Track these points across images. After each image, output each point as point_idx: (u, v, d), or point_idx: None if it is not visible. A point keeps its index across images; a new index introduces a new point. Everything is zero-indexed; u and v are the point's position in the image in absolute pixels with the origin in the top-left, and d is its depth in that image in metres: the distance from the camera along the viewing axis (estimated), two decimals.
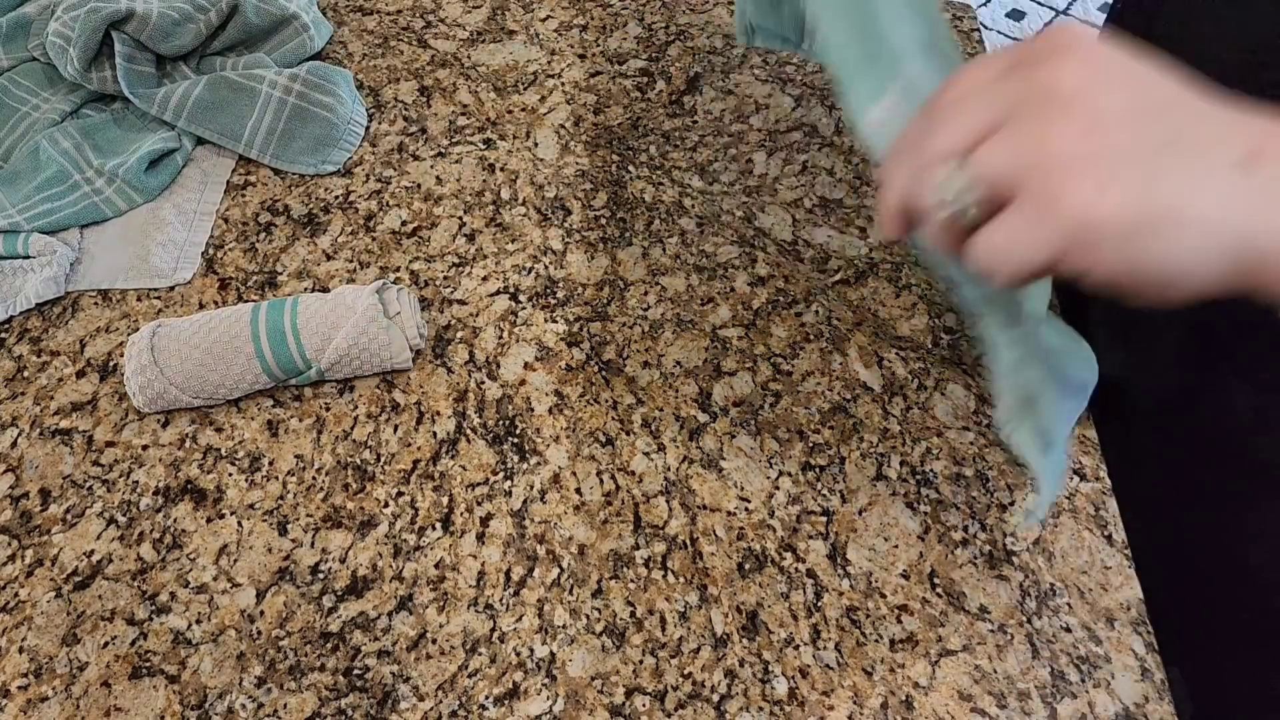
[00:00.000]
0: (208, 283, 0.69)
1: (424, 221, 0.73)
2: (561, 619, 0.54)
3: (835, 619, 0.54)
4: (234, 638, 0.54)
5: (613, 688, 0.52)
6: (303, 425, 0.62)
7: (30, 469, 0.60)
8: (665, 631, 0.54)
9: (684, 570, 0.56)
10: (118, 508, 0.58)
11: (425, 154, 0.78)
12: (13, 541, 0.57)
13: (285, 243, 0.72)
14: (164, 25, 0.75)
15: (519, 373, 0.65)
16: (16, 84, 0.78)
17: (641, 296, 0.69)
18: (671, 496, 0.59)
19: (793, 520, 0.58)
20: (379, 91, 0.82)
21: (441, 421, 0.62)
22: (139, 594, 0.55)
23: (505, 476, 0.60)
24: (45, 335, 0.66)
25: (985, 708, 0.51)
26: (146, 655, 0.53)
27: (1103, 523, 0.58)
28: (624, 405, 0.63)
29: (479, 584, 0.56)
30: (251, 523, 0.58)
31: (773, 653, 0.53)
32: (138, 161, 0.72)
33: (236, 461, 0.60)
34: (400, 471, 0.60)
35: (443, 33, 0.87)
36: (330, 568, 0.56)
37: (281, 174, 0.76)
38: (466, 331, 0.67)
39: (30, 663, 0.53)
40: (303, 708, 0.51)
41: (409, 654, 0.53)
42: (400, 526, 0.58)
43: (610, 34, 0.87)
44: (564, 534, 0.57)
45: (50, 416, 0.62)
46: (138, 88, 0.75)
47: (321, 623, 0.54)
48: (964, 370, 0.65)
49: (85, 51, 0.73)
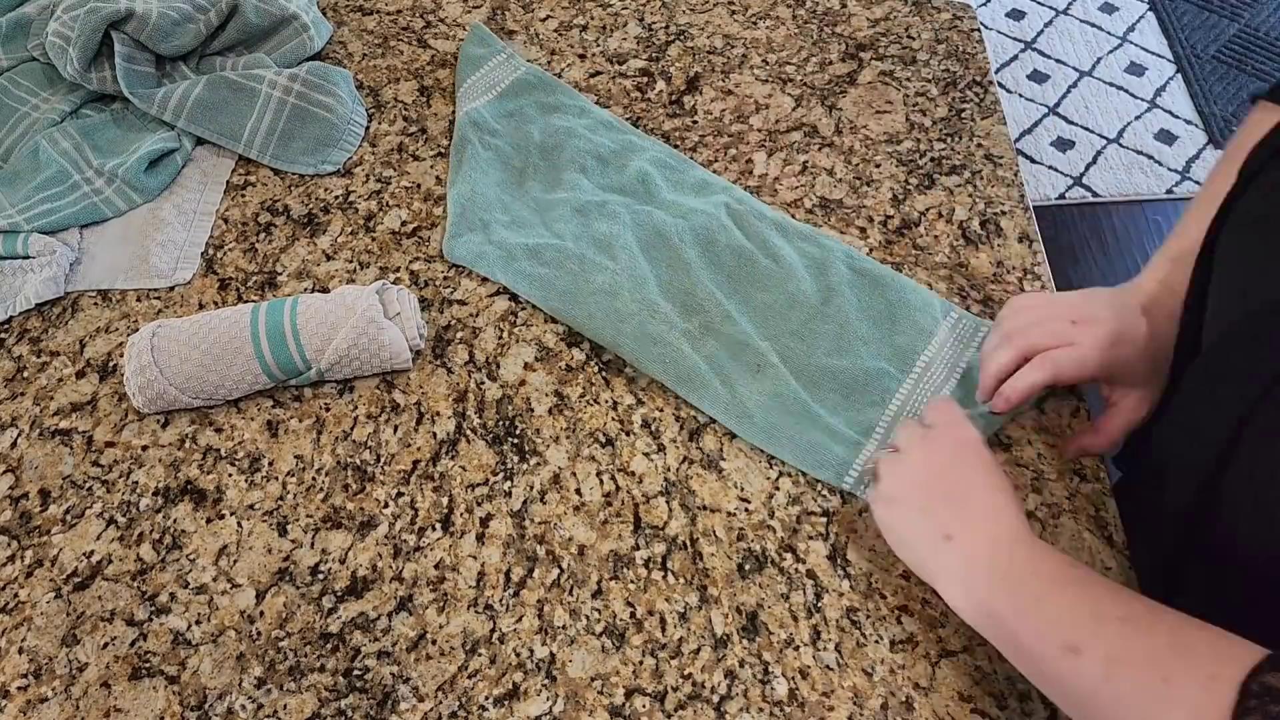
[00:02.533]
0: (208, 283, 0.69)
1: (424, 221, 0.73)
2: (561, 620, 0.54)
3: (835, 620, 0.54)
4: (234, 638, 0.53)
5: (613, 688, 0.52)
6: (302, 426, 0.62)
7: (30, 469, 0.60)
8: (665, 632, 0.54)
9: (684, 571, 0.56)
10: (117, 508, 0.58)
11: (425, 154, 0.78)
12: (13, 542, 0.57)
13: (285, 243, 0.72)
14: (164, 25, 0.75)
15: (519, 373, 0.65)
16: (16, 84, 0.78)
17: None
18: (671, 497, 0.59)
19: (793, 521, 0.58)
20: (379, 91, 0.82)
21: (441, 422, 0.62)
22: (139, 594, 0.55)
23: (505, 477, 0.60)
24: (45, 335, 0.66)
25: (985, 708, 0.51)
26: (146, 656, 0.53)
27: (1102, 523, 0.58)
28: (624, 405, 0.63)
29: (479, 584, 0.55)
30: (251, 523, 0.58)
31: (773, 653, 0.53)
32: (137, 161, 0.72)
33: (236, 462, 0.60)
34: (400, 472, 0.60)
35: (443, 33, 0.87)
36: (330, 568, 0.56)
37: (281, 174, 0.76)
38: (466, 332, 0.67)
39: (30, 663, 0.53)
40: (302, 708, 0.51)
41: (409, 654, 0.53)
42: (400, 527, 0.58)
43: (610, 34, 0.87)
44: (564, 534, 0.57)
45: (50, 417, 0.62)
46: (137, 88, 0.75)
47: (321, 623, 0.54)
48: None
49: (85, 51, 0.73)
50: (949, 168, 0.77)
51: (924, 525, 0.50)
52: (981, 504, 0.50)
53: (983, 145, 0.78)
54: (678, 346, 0.63)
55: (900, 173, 0.76)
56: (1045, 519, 0.58)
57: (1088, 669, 0.42)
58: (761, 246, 0.69)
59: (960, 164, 0.77)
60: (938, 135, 0.79)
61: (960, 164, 0.77)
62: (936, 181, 0.76)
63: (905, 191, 0.75)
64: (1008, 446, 0.61)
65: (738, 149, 0.78)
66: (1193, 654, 0.40)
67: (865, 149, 0.78)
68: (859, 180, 0.76)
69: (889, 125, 0.80)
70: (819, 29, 0.88)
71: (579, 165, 0.74)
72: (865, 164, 0.77)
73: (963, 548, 0.49)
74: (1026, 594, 0.46)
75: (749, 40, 0.87)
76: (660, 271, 0.68)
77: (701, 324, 0.65)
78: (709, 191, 0.73)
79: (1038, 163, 1.92)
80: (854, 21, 0.89)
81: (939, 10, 0.89)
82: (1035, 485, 0.60)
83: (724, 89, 0.83)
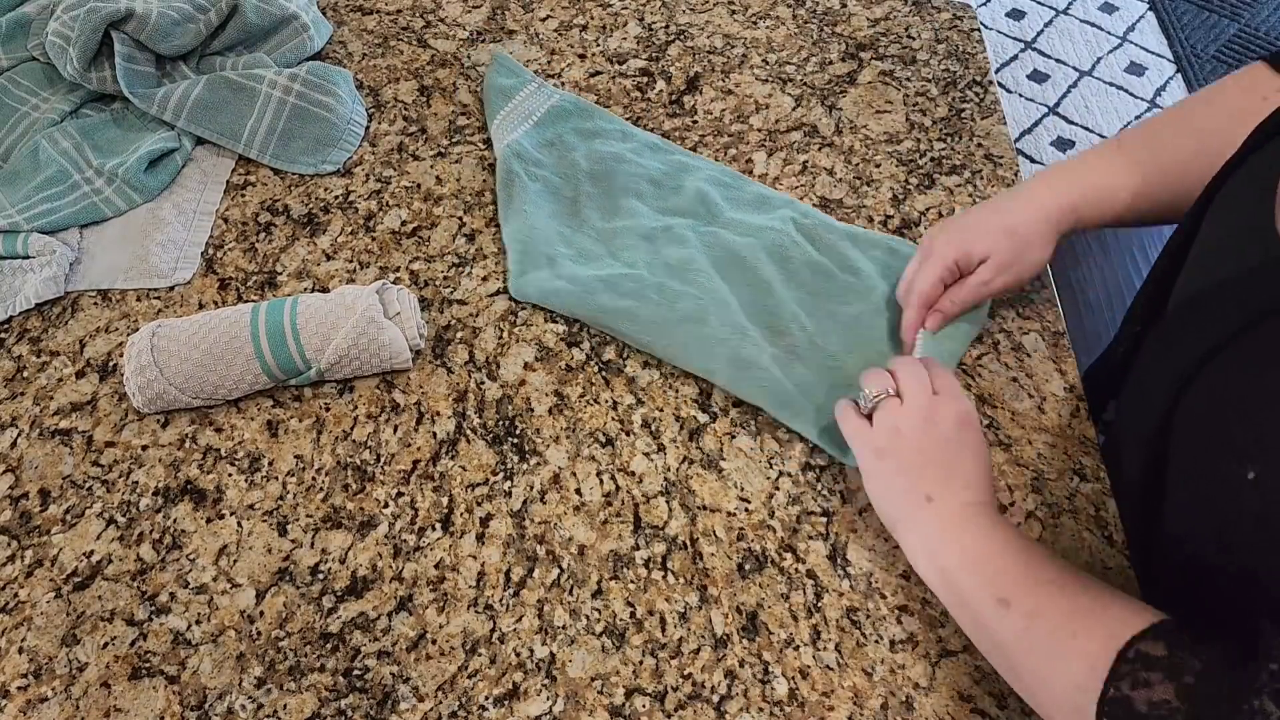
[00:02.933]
0: (207, 283, 0.69)
1: (424, 221, 0.73)
2: (561, 619, 0.54)
3: (835, 619, 0.54)
4: (234, 638, 0.53)
5: (613, 688, 0.52)
6: (303, 425, 0.62)
7: (30, 469, 0.60)
8: (665, 632, 0.54)
9: (684, 571, 0.56)
10: (117, 508, 0.58)
11: (425, 154, 0.78)
12: (12, 542, 0.57)
13: (285, 243, 0.72)
14: (164, 25, 0.75)
15: (519, 373, 0.65)
16: (16, 84, 0.78)
17: None
18: (671, 497, 0.59)
19: (793, 520, 0.58)
20: (379, 91, 0.82)
21: (441, 422, 0.62)
22: (139, 594, 0.55)
23: (505, 477, 0.60)
24: (45, 335, 0.66)
25: (985, 708, 0.51)
26: (146, 656, 0.53)
27: (1103, 523, 0.58)
28: (624, 405, 0.63)
29: (479, 584, 0.55)
30: (251, 523, 0.58)
31: (773, 653, 0.53)
32: (137, 161, 0.72)
33: (236, 462, 0.60)
34: (400, 472, 0.60)
35: (443, 33, 0.87)
36: (330, 568, 0.56)
37: (281, 174, 0.76)
38: (466, 331, 0.67)
39: (30, 663, 0.53)
40: (302, 708, 0.51)
41: (409, 654, 0.53)
42: (400, 527, 0.58)
43: (610, 34, 0.87)
44: (564, 534, 0.57)
45: (50, 417, 0.62)
46: (137, 87, 0.75)
47: (321, 623, 0.54)
48: (964, 370, 0.65)
49: (85, 51, 0.73)
50: (949, 168, 0.77)
51: (910, 481, 0.54)
52: (966, 474, 0.53)
53: (983, 145, 0.78)
54: (773, 372, 0.62)
55: (900, 173, 0.76)
56: (1045, 519, 0.58)
57: (1011, 621, 0.47)
58: (838, 260, 0.68)
59: (960, 164, 0.77)
60: (938, 135, 0.79)
61: (960, 164, 0.77)
62: (936, 181, 0.76)
63: (905, 191, 0.75)
64: (1008, 446, 0.61)
65: (738, 149, 0.78)
66: (1102, 616, 0.44)
67: (865, 149, 0.78)
68: (859, 180, 0.76)
69: (889, 125, 0.80)
70: (819, 29, 0.88)
71: (634, 191, 0.73)
72: (865, 164, 0.77)
73: (941, 510, 0.52)
74: (976, 553, 0.50)
75: (749, 40, 0.87)
76: (741, 293, 0.66)
77: (788, 347, 0.64)
78: (770, 207, 0.72)
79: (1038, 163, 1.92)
80: (854, 21, 0.89)
81: (939, 10, 0.89)
82: (1035, 485, 0.60)
83: (724, 89, 0.83)
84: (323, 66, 0.79)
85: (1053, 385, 0.64)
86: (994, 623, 0.48)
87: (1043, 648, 0.46)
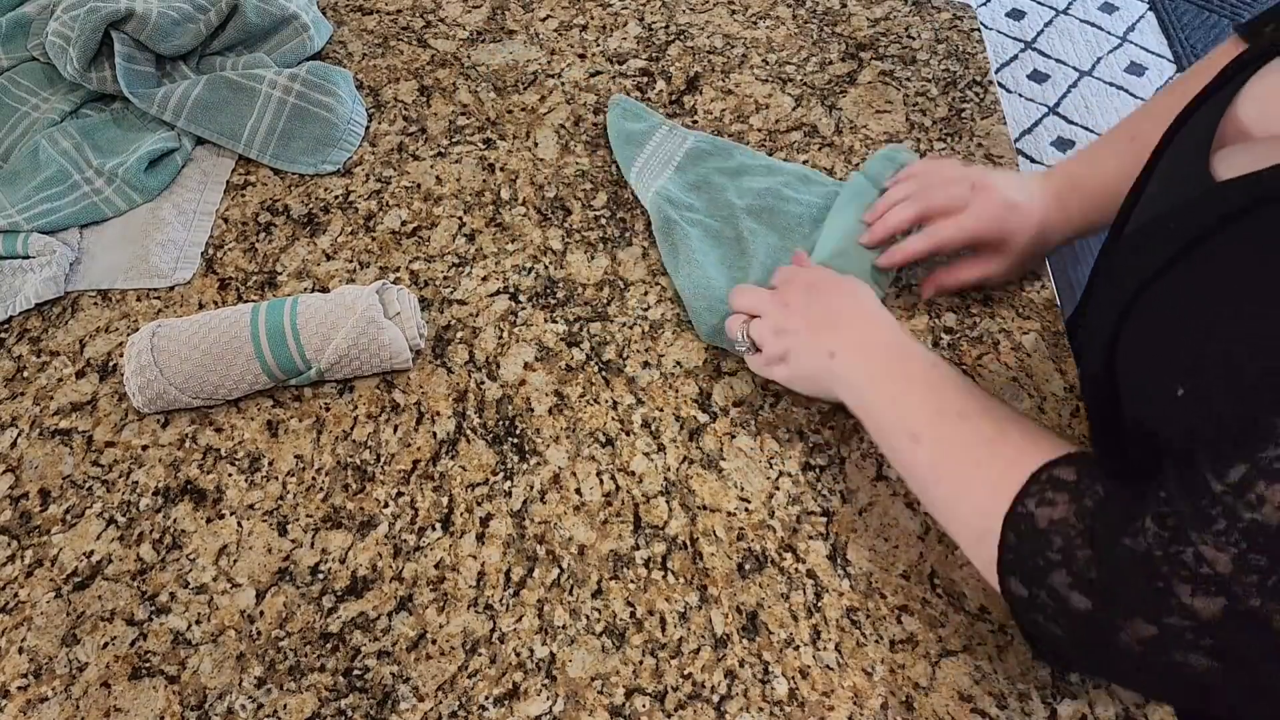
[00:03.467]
0: (207, 283, 0.69)
1: (424, 221, 0.73)
2: (561, 619, 0.54)
3: (835, 619, 0.54)
4: (234, 638, 0.53)
5: (613, 688, 0.52)
6: (303, 425, 0.62)
7: (30, 469, 0.60)
8: (665, 632, 0.54)
9: (684, 571, 0.56)
10: (117, 508, 0.58)
11: (425, 154, 0.78)
12: (12, 542, 0.57)
13: (285, 243, 0.72)
14: (164, 25, 0.75)
15: (519, 373, 0.65)
16: (16, 84, 0.78)
17: (641, 296, 0.69)
18: (671, 497, 0.59)
19: (793, 520, 0.58)
20: (379, 91, 0.82)
21: (441, 422, 0.62)
22: (139, 594, 0.55)
23: (505, 477, 0.60)
24: (45, 335, 0.66)
25: (985, 708, 0.51)
26: (146, 656, 0.53)
27: None
28: (624, 405, 0.63)
29: (479, 584, 0.55)
30: (251, 523, 0.58)
31: (773, 653, 0.53)
32: (137, 161, 0.72)
33: (236, 462, 0.60)
34: (400, 472, 0.60)
35: (443, 33, 0.87)
36: (330, 568, 0.56)
37: (281, 174, 0.76)
38: (466, 331, 0.67)
39: (30, 663, 0.53)
40: (302, 708, 0.51)
41: (409, 654, 0.53)
42: (400, 527, 0.58)
43: (610, 34, 0.87)
44: (564, 534, 0.57)
45: (50, 417, 0.62)
46: (137, 87, 0.75)
47: (321, 623, 0.54)
48: (964, 370, 0.65)
49: (85, 51, 0.73)
50: None
51: (813, 347, 0.57)
52: (853, 320, 0.57)
53: (983, 145, 0.78)
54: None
55: None
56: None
57: (923, 454, 0.50)
58: None
59: None
60: (938, 135, 0.79)
61: None
62: None
63: None
64: None
65: None
66: (1007, 445, 0.47)
67: (865, 149, 0.78)
68: None
69: (889, 125, 0.80)
70: (819, 29, 0.88)
71: (801, 234, 0.71)
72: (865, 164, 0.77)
73: (844, 358, 0.56)
74: (891, 390, 0.54)
75: (749, 40, 0.87)
76: None
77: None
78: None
79: (1038, 162, 1.92)
80: (854, 21, 0.89)
81: (939, 10, 0.89)
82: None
83: (724, 89, 0.83)
84: (323, 66, 0.79)
85: (1053, 385, 0.64)
86: (907, 458, 0.51)
87: (950, 479, 0.49)
